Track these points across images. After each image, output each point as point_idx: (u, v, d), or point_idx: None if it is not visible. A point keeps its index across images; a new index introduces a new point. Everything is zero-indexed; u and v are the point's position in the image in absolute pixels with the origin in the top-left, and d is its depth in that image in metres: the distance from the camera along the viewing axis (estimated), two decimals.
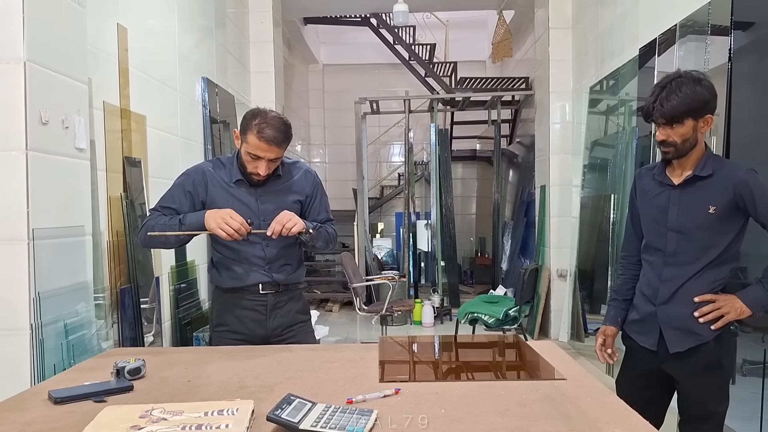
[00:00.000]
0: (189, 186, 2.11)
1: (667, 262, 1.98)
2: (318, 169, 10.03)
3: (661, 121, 1.86)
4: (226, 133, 4.72)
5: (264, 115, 1.98)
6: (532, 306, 5.72)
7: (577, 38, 5.21)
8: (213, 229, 1.90)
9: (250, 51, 5.58)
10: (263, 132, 1.94)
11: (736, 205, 1.87)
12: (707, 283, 1.93)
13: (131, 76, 3.16)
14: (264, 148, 1.96)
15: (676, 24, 3.25)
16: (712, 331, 1.90)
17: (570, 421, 1.21)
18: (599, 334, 2.21)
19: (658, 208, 2.00)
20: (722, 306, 1.89)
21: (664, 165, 2.01)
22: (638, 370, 2.09)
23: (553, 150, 5.46)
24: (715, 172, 1.89)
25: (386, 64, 9.49)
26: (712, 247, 1.91)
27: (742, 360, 2.74)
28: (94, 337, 2.43)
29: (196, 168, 2.17)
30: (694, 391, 1.97)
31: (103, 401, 1.30)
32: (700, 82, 1.84)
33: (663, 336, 1.99)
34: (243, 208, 2.06)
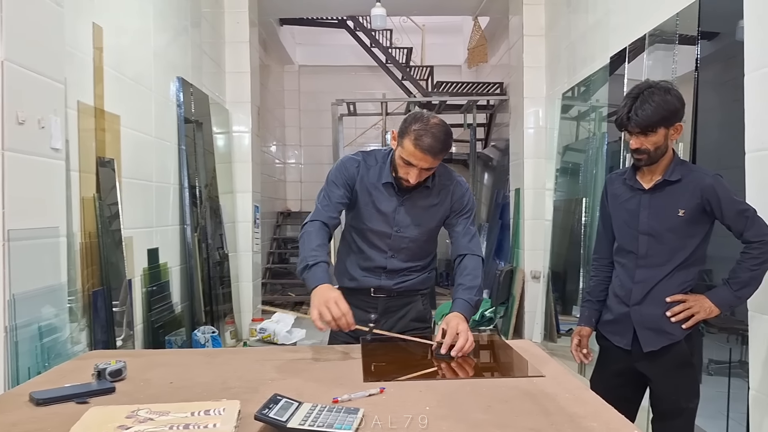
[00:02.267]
0: (347, 178, 2.02)
1: (639, 264, 2.05)
2: (293, 170, 10.01)
3: (636, 131, 1.93)
4: (199, 133, 4.68)
5: (425, 121, 1.83)
6: (507, 307, 5.78)
7: (551, 45, 5.29)
8: (311, 307, 1.72)
9: (226, 51, 5.55)
10: (421, 140, 1.80)
11: (704, 209, 1.95)
12: (677, 284, 2.01)
13: (106, 75, 3.13)
14: (419, 156, 1.82)
15: (646, 33, 3.34)
16: (683, 330, 1.98)
17: (549, 417, 1.24)
18: (574, 334, 2.27)
19: (629, 211, 2.07)
20: (692, 306, 1.97)
21: (634, 170, 2.08)
22: (612, 369, 2.14)
23: (527, 154, 5.53)
24: (683, 177, 1.97)
25: (363, 67, 9.51)
26: (682, 249, 1.99)
27: (708, 360, 2.81)
28: (68, 340, 2.40)
29: (351, 161, 2.05)
30: (667, 388, 2.04)
31: (86, 402, 1.29)
32: (670, 91, 1.92)
33: (637, 336, 2.05)
34: (378, 216, 2.01)
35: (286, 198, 9.82)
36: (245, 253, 5.66)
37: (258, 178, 6.04)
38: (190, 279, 4.34)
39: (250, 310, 5.63)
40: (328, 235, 1.98)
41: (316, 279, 1.80)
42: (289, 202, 9.87)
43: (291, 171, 10.02)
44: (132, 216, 3.43)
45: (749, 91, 2.22)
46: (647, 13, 3.34)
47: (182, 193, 4.32)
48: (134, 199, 3.49)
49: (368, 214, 2.03)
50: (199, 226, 4.52)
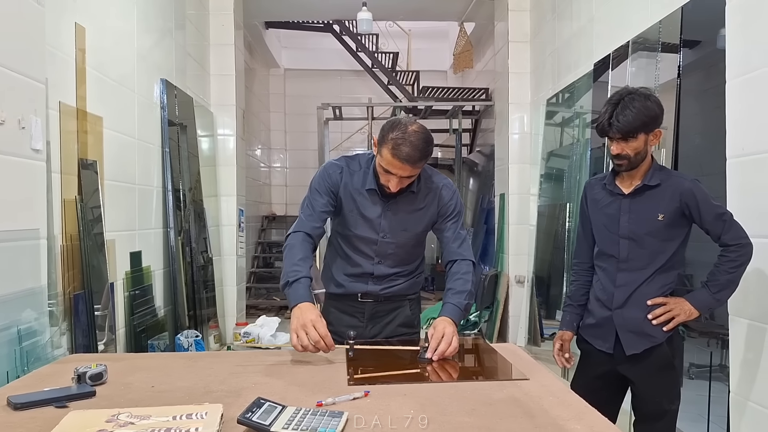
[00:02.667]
0: (330, 185, 1.99)
1: (620, 268, 2.08)
2: (278, 174, 9.97)
3: (617, 136, 1.95)
4: (183, 136, 4.65)
5: (403, 129, 1.78)
6: (492, 311, 5.80)
7: (535, 52, 5.33)
8: (291, 329, 1.69)
9: (210, 53, 5.52)
10: (398, 149, 1.75)
11: (682, 213, 1.99)
12: (658, 287, 2.04)
13: (88, 76, 3.10)
14: (397, 165, 1.78)
15: (629, 41, 3.37)
16: (665, 332, 2.01)
17: (533, 419, 1.25)
18: (556, 339, 2.28)
19: (610, 216, 2.10)
20: (673, 308, 2.00)
21: (613, 175, 2.12)
22: (594, 372, 2.16)
23: (512, 159, 5.55)
24: (662, 182, 2.01)
25: (349, 71, 9.52)
26: (662, 252, 2.02)
27: (689, 363, 2.83)
28: (48, 344, 2.37)
29: (333, 167, 2.01)
30: (649, 390, 2.06)
31: (65, 407, 1.27)
32: (650, 97, 1.96)
33: (619, 339, 2.07)
34: (363, 222, 1.98)
35: (271, 202, 9.78)
36: (229, 257, 5.62)
37: (243, 181, 6.01)
38: (174, 283, 4.30)
39: (234, 315, 5.60)
40: (311, 246, 1.95)
41: (297, 297, 1.77)
42: (275, 206, 9.83)
43: (276, 175, 9.98)
44: (114, 219, 3.39)
45: (730, 98, 2.25)
46: (630, 20, 3.38)
47: (166, 196, 4.28)
48: (117, 202, 3.45)
49: (353, 221, 2.01)
50: (183, 229, 4.48)
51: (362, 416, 1.23)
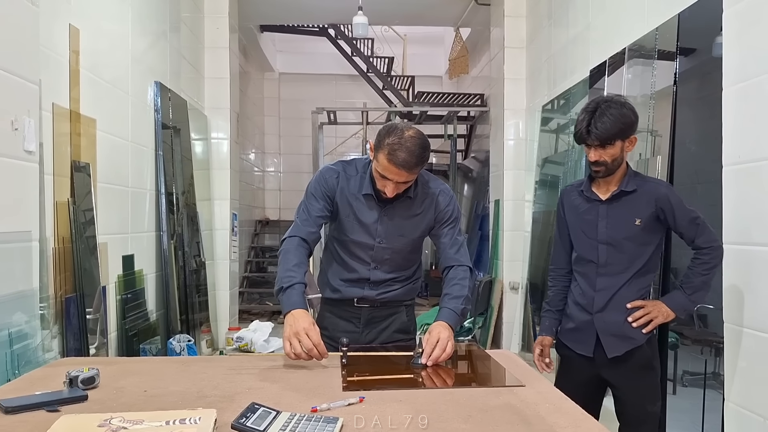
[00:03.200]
0: (326, 190, 1.98)
1: (600, 272, 2.13)
2: (272, 178, 9.95)
3: (596, 143, 2.00)
4: (177, 139, 4.63)
5: (399, 134, 1.77)
6: (486, 318, 5.79)
7: (531, 58, 5.34)
8: (283, 336, 1.69)
9: (205, 56, 5.51)
10: (394, 154, 1.74)
11: (657, 218, 2.05)
12: (636, 290, 2.10)
13: (82, 77, 3.08)
14: (393, 171, 1.77)
15: (625, 47, 3.38)
16: (644, 335, 2.07)
17: (530, 426, 1.24)
18: (536, 344, 2.33)
19: (588, 222, 2.15)
20: (651, 311, 2.07)
21: (590, 181, 2.17)
22: (575, 377, 2.18)
23: (506, 166, 5.55)
24: (638, 187, 2.07)
25: (344, 75, 9.51)
26: (639, 257, 2.08)
27: (682, 371, 2.83)
28: (39, 347, 2.34)
29: (330, 172, 2.01)
30: (631, 392, 2.11)
31: (57, 411, 1.25)
32: (625, 105, 2.02)
33: (600, 342, 2.12)
34: (360, 227, 1.97)
35: (264, 206, 9.76)
36: (222, 262, 5.60)
37: (236, 185, 5.98)
38: (166, 287, 4.28)
39: (227, 319, 5.57)
40: (307, 251, 1.94)
41: (290, 303, 1.76)
42: (268, 211, 9.81)
43: (270, 179, 9.96)
44: (107, 221, 3.37)
45: (727, 105, 2.26)
46: (626, 27, 3.38)
47: (159, 200, 4.26)
48: (109, 205, 3.43)
49: (350, 226, 2.00)
50: (176, 233, 4.45)
51: (357, 422, 1.21)
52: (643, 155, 3.08)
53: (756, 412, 2.08)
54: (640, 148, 3.15)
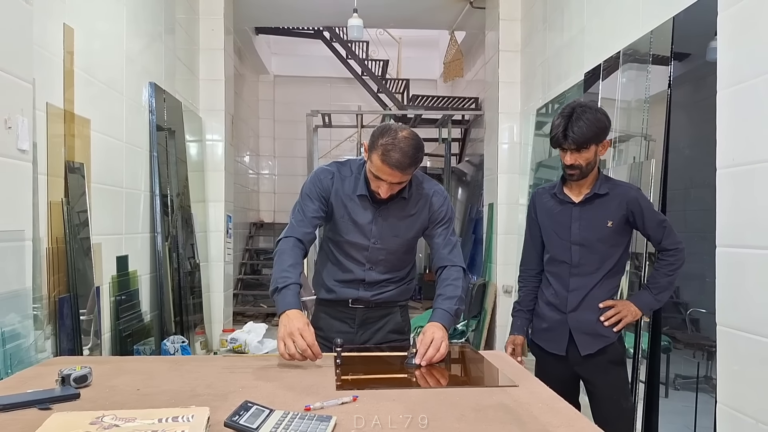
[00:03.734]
0: (322, 191, 1.99)
1: (573, 273, 2.19)
2: (267, 181, 9.94)
3: (572, 147, 2.05)
4: (171, 141, 4.63)
5: (393, 135, 1.77)
6: (479, 321, 5.79)
7: (526, 62, 5.35)
8: (278, 336, 1.69)
9: (200, 58, 5.50)
10: (388, 155, 1.75)
11: (627, 220, 2.13)
12: (607, 290, 2.19)
13: (76, 77, 3.07)
14: (387, 171, 1.78)
15: (620, 51, 3.39)
16: (615, 332, 2.16)
17: (523, 426, 1.24)
18: (508, 344, 2.38)
19: (560, 223, 2.22)
20: (621, 310, 2.15)
21: (562, 184, 2.23)
22: (549, 376, 2.18)
23: (501, 169, 5.56)
24: (610, 190, 2.14)
25: (339, 78, 9.52)
26: (610, 257, 2.16)
27: (674, 375, 2.84)
28: (32, 347, 2.33)
29: (325, 172, 2.01)
30: (606, 386, 2.18)
31: (49, 408, 1.25)
32: (599, 110, 2.08)
33: (573, 341, 2.19)
34: (354, 228, 1.98)
35: (259, 209, 9.74)
36: (217, 264, 5.59)
37: (231, 187, 5.98)
38: (160, 288, 4.27)
39: (221, 321, 5.55)
40: (302, 252, 1.94)
41: (285, 304, 1.76)
42: (263, 213, 9.80)
43: (264, 182, 9.95)
44: (101, 222, 3.36)
45: (721, 108, 2.26)
46: (622, 30, 3.39)
47: (153, 201, 4.25)
48: (104, 205, 3.42)
49: (344, 227, 2.01)
50: (170, 235, 4.44)
51: (351, 421, 1.21)
52: (637, 158, 3.09)
53: (748, 414, 2.09)
54: (634, 152, 3.16)
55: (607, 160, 3.44)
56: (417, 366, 1.71)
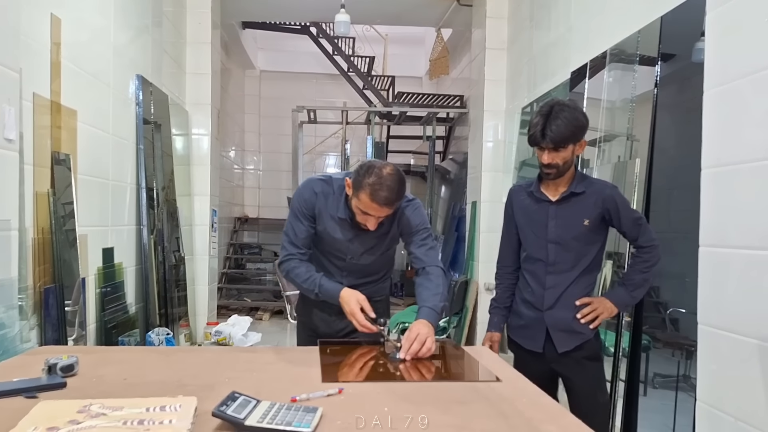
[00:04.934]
0: (308, 210, 2.07)
1: (549, 271, 2.20)
2: (252, 176, 9.90)
3: (550, 146, 2.05)
4: (158, 134, 4.60)
5: (378, 174, 1.85)
6: (461, 318, 5.83)
7: (512, 60, 5.37)
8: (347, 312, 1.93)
9: (187, 51, 5.47)
10: (377, 194, 1.84)
11: (603, 218, 2.14)
12: (582, 287, 2.20)
13: (63, 68, 3.05)
14: (376, 209, 1.87)
15: (607, 50, 3.41)
16: (591, 329, 2.17)
17: (507, 420, 1.25)
18: (485, 340, 2.40)
19: (537, 222, 2.22)
20: (597, 307, 2.16)
21: (539, 182, 2.23)
22: (527, 373, 2.21)
23: (484, 167, 5.57)
24: (586, 189, 2.14)
25: (324, 74, 9.49)
26: (585, 255, 2.17)
27: (653, 373, 2.88)
28: (17, 337, 2.32)
29: (308, 191, 2.08)
30: (582, 381, 2.20)
31: (35, 397, 1.25)
32: (577, 109, 2.09)
33: (550, 338, 2.20)
34: (333, 243, 2.07)
35: (243, 204, 9.70)
36: (202, 257, 5.57)
37: (216, 182, 5.96)
38: (146, 280, 4.25)
39: (206, 314, 5.54)
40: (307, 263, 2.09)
41: (334, 290, 1.98)
42: (247, 208, 9.76)
43: (249, 177, 9.91)
44: (87, 214, 3.34)
45: (707, 108, 2.28)
46: (609, 29, 3.40)
47: (139, 194, 4.23)
48: (90, 197, 3.40)
49: (324, 240, 2.11)
50: (156, 228, 4.42)
51: (336, 412, 1.23)
52: (622, 158, 3.12)
53: (727, 412, 2.12)
54: (618, 151, 3.19)
55: (590, 159, 3.47)
56: (401, 360, 1.74)
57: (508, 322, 2.40)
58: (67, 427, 1.03)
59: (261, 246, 9.40)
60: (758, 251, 1.99)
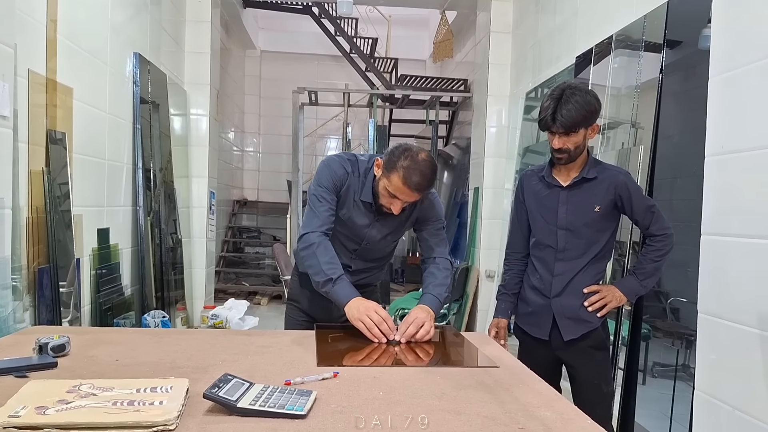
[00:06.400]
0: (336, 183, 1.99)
1: (558, 258, 2.17)
2: (251, 158, 9.86)
3: (560, 131, 2.01)
4: (156, 114, 4.56)
5: (414, 158, 1.82)
6: (461, 304, 5.82)
7: (517, 43, 5.31)
8: (353, 319, 1.79)
9: (186, 30, 5.41)
10: (410, 178, 1.80)
11: (615, 205, 2.10)
12: (592, 275, 2.16)
13: (59, 45, 3.01)
14: (407, 193, 1.83)
15: (613, 35, 3.37)
16: (599, 318, 2.14)
17: (503, 405, 1.24)
18: (492, 326, 2.37)
19: (547, 207, 2.18)
20: (606, 296, 2.13)
21: (551, 167, 2.19)
22: (533, 360, 2.20)
23: (488, 153, 5.53)
24: (598, 174, 2.10)
25: (326, 56, 9.41)
26: (596, 242, 2.14)
27: (652, 362, 2.87)
28: (10, 317, 2.30)
29: (340, 167, 2.00)
30: (587, 371, 2.17)
31: (25, 377, 1.23)
32: (589, 92, 2.03)
33: (556, 326, 2.17)
34: (351, 227, 2.02)
35: (243, 186, 9.67)
36: (199, 240, 5.55)
37: (215, 164, 5.92)
38: (142, 262, 4.23)
39: (203, 297, 5.53)
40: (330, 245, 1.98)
41: (346, 294, 1.84)
42: (246, 191, 9.73)
43: (249, 159, 9.87)
44: (82, 193, 3.31)
45: (712, 95, 2.25)
46: (614, 14, 3.36)
47: (136, 174, 4.20)
48: (85, 176, 3.37)
49: (342, 222, 2.04)
50: (153, 209, 4.40)
51: (331, 396, 1.21)
52: (626, 145, 3.10)
53: (725, 401, 2.11)
54: (622, 138, 3.16)
55: (595, 146, 3.44)
56: (398, 343, 1.74)
57: (515, 309, 2.37)
58: (56, 407, 1.01)
59: (260, 229, 9.38)
60: (759, 240, 1.97)
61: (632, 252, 2.87)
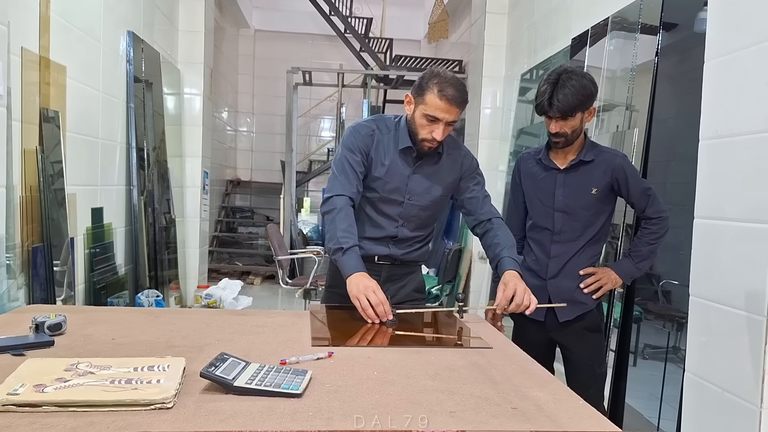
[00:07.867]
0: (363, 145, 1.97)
1: (554, 240, 2.19)
2: (245, 138, 9.82)
3: (557, 115, 2.02)
4: (149, 93, 4.53)
5: (443, 75, 1.84)
6: (453, 285, 5.85)
7: (513, 25, 5.28)
8: (351, 295, 1.75)
9: (180, 8, 5.36)
10: (445, 91, 1.80)
11: (612, 187, 2.12)
12: (588, 257, 2.18)
13: (52, 23, 2.98)
14: (444, 108, 1.82)
15: (609, 17, 3.35)
16: (594, 300, 2.17)
17: (496, 385, 1.25)
18: (488, 309, 2.34)
19: (544, 190, 2.20)
20: (601, 278, 2.16)
21: (548, 150, 2.20)
22: (528, 341, 2.21)
23: (482, 135, 5.54)
24: (595, 157, 2.11)
25: (321, 35, 9.34)
26: (592, 225, 2.15)
27: (643, 344, 2.90)
28: (4, 296, 2.30)
29: (365, 128, 1.99)
30: (581, 351, 2.20)
31: (22, 355, 1.24)
32: (585, 76, 2.03)
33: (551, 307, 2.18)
34: (392, 183, 1.99)
35: (236, 167, 9.64)
36: (192, 219, 5.54)
37: (208, 143, 5.90)
38: (135, 242, 4.23)
39: (196, 277, 5.54)
40: (353, 212, 1.95)
41: (352, 266, 1.81)
42: (239, 171, 9.70)
43: (242, 139, 9.82)
44: (76, 172, 3.30)
45: (707, 79, 2.25)
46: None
47: (129, 154, 4.18)
48: (79, 155, 3.35)
49: (381, 183, 2.01)
50: (146, 189, 4.39)
51: (326, 375, 1.22)
52: (621, 128, 3.10)
53: (714, 383, 2.14)
54: (617, 121, 3.16)
55: (590, 129, 3.44)
56: (392, 323, 1.74)
57: None
58: (54, 385, 1.01)
59: (253, 210, 9.37)
60: (751, 224, 1.98)
61: (625, 235, 2.88)
